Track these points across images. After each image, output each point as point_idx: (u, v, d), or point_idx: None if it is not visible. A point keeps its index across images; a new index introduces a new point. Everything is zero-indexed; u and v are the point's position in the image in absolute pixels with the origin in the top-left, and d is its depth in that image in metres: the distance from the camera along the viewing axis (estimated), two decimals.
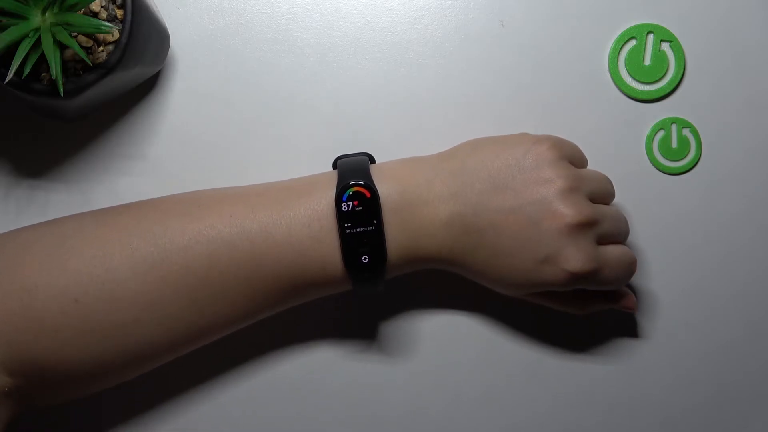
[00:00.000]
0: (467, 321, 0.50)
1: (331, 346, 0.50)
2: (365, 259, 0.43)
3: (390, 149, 0.50)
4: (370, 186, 0.43)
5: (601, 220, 0.44)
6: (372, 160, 0.47)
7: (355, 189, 0.43)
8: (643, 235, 0.51)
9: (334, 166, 0.47)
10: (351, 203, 0.43)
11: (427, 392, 0.50)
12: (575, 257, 0.42)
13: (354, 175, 0.44)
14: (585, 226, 0.43)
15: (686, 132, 0.51)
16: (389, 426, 0.50)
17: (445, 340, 0.50)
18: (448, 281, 0.48)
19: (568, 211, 0.42)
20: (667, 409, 0.51)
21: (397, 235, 0.44)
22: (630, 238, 0.50)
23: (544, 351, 0.50)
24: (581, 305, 0.47)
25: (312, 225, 0.43)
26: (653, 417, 0.51)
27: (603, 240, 0.44)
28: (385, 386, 0.50)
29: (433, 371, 0.50)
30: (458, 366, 0.50)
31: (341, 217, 0.43)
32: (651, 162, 0.51)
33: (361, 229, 0.43)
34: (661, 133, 0.51)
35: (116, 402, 0.49)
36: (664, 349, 0.51)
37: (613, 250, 0.44)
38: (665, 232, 0.51)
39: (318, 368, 0.50)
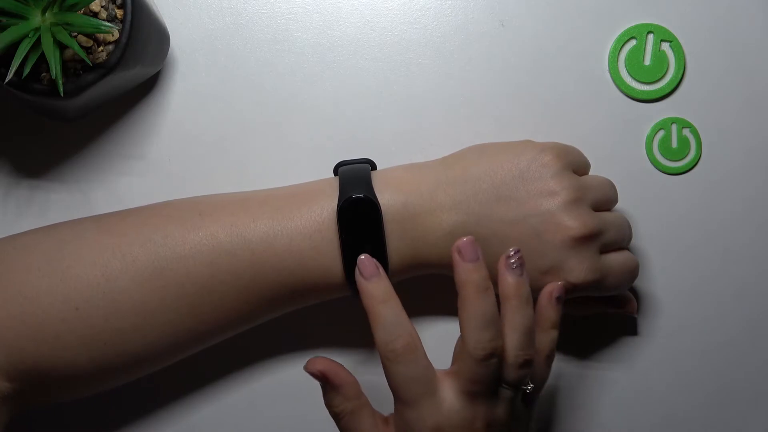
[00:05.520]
0: None
1: (333, 350, 0.50)
2: None
3: (390, 149, 0.50)
4: (372, 199, 0.43)
5: (604, 231, 0.43)
6: (373, 165, 0.47)
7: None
8: (643, 236, 0.51)
9: (335, 172, 0.46)
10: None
11: None
12: (578, 269, 0.42)
13: (356, 186, 0.43)
14: (589, 238, 0.42)
15: (686, 132, 0.51)
16: None
17: (444, 342, 0.50)
18: (448, 284, 0.48)
19: (573, 224, 0.42)
20: (667, 409, 0.51)
21: (398, 244, 0.43)
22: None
23: None
24: (582, 309, 0.47)
25: (313, 236, 0.43)
26: (653, 417, 0.50)
27: (606, 248, 0.44)
28: (386, 389, 0.50)
29: None
30: None
31: (343, 229, 0.42)
32: (651, 162, 0.51)
33: (363, 241, 0.42)
34: (661, 133, 0.51)
35: (119, 403, 0.49)
36: (664, 349, 0.51)
37: (615, 258, 0.44)
38: (665, 232, 0.51)
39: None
